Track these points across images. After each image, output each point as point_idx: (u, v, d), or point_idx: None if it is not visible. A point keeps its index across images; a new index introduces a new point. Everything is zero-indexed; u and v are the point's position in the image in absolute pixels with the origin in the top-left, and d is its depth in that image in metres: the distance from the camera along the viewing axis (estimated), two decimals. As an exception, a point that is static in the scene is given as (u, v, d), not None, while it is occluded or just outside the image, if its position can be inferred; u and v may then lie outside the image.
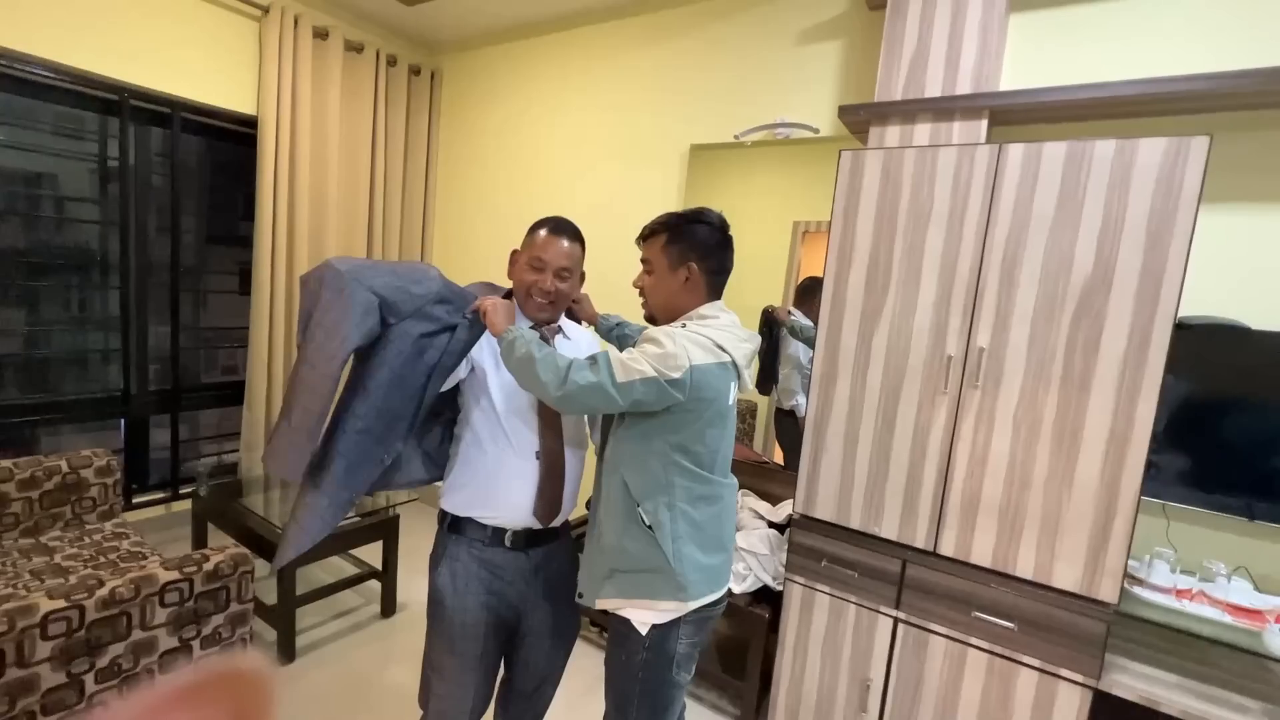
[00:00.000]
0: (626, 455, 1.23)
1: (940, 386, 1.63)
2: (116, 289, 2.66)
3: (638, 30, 2.76)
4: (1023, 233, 1.52)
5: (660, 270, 1.29)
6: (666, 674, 1.24)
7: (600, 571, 1.26)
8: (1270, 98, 1.52)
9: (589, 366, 1.15)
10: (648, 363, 1.12)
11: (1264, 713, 1.35)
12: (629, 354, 1.15)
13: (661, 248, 1.28)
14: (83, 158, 2.66)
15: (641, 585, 1.21)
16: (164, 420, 2.88)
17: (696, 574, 1.21)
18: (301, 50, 2.86)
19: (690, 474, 1.21)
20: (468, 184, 3.45)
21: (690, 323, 1.24)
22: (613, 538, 1.24)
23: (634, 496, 1.21)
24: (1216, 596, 1.50)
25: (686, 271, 1.26)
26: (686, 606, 1.21)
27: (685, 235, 1.26)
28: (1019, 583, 1.55)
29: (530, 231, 1.37)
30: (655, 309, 1.33)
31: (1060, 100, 1.66)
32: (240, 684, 0.29)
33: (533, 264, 1.32)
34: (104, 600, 1.43)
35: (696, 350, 1.15)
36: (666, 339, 1.15)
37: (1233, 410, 1.60)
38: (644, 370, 1.11)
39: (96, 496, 2.29)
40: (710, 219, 1.28)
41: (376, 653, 2.27)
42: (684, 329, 1.20)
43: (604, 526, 1.26)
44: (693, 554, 1.21)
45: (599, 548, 1.27)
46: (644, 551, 1.20)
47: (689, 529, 1.21)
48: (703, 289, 1.27)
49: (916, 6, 1.85)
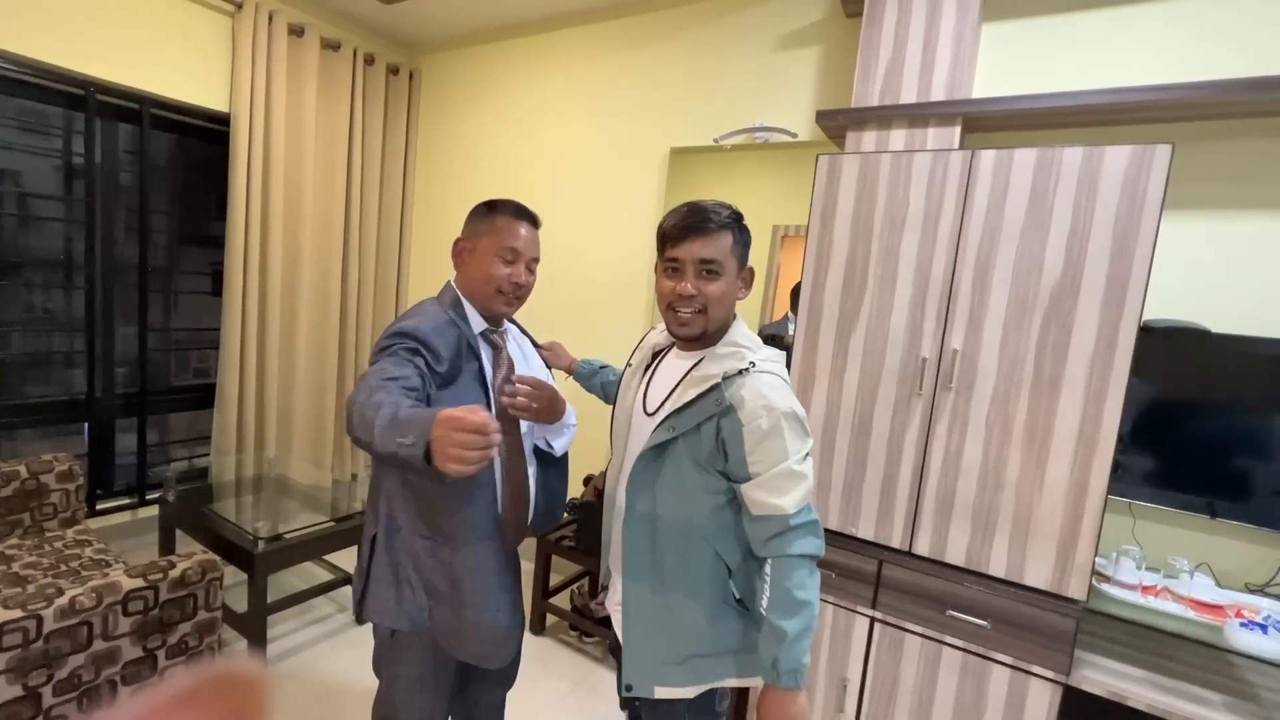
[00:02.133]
0: (718, 525, 1.05)
1: (915, 388, 1.65)
2: (82, 289, 2.59)
3: (618, 33, 2.77)
4: (995, 237, 1.55)
5: (729, 274, 1.06)
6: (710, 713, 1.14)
7: (669, 657, 1.07)
8: (1226, 108, 1.57)
9: (804, 532, 0.99)
10: (805, 462, 1.00)
11: (1225, 705, 1.38)
12: (781, 470, 0.98)
13: (730, 247, 1.06)
14: (47, 154, 2.58)
15: (731, 664, 1.08)
16: (131, 424, 2.81)
17: None
18: (276, 47, 2.81)
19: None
20: (446, 185, 3.42)
21: (756, 358, 1.05)
22: (697, 619, 1.06)
23: (729, 567, 1.06)
24: (1180, 592, 1.54)
25: (747, 276, 1.10)
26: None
27: (745, 234, 1.10)
28: (992, 581, 1.57)
29: (484, 217, 1.24)
30: (713, 321, 1.07)
31: (1030, 108, 1.69)
32: (236, 687, 0.29)
33: (503, 255, 1.21)
34: (63, 610, 1.39)
35: (795, 399, 1.04)
36: (790, 410, 1.00)
37: (1194, 411, 1.64)
38: (811, 472, 1.01)
39: (58, 503, 2.22)
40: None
41: (350, 661, 2.23)
42: (761, 375, 1.02)
43: (679, 605, 1.07)
44: None
45: (663, 634, 1.08)
46: (736, 631, 1.07)
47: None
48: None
49: (892, 15, 1.88)
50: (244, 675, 0.29)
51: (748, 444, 1.00)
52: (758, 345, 1.10)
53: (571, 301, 2.89)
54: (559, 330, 3.02)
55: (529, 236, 1.25)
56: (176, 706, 0.27)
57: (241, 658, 2.19)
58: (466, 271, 1.26)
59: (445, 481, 0.91)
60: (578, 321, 2.88)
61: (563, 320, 2.93)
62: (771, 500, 0.99)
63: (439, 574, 1.19)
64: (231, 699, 0.28)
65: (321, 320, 3.18)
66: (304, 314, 3.07)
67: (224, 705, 0.28)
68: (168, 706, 0.27)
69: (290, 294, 3.03)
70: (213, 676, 0.28)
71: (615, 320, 2.79)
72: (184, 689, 0.27)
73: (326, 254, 3.16)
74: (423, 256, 3.57)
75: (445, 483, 1.01)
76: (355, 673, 2.16)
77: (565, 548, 2.40)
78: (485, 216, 1.25)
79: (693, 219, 1.05)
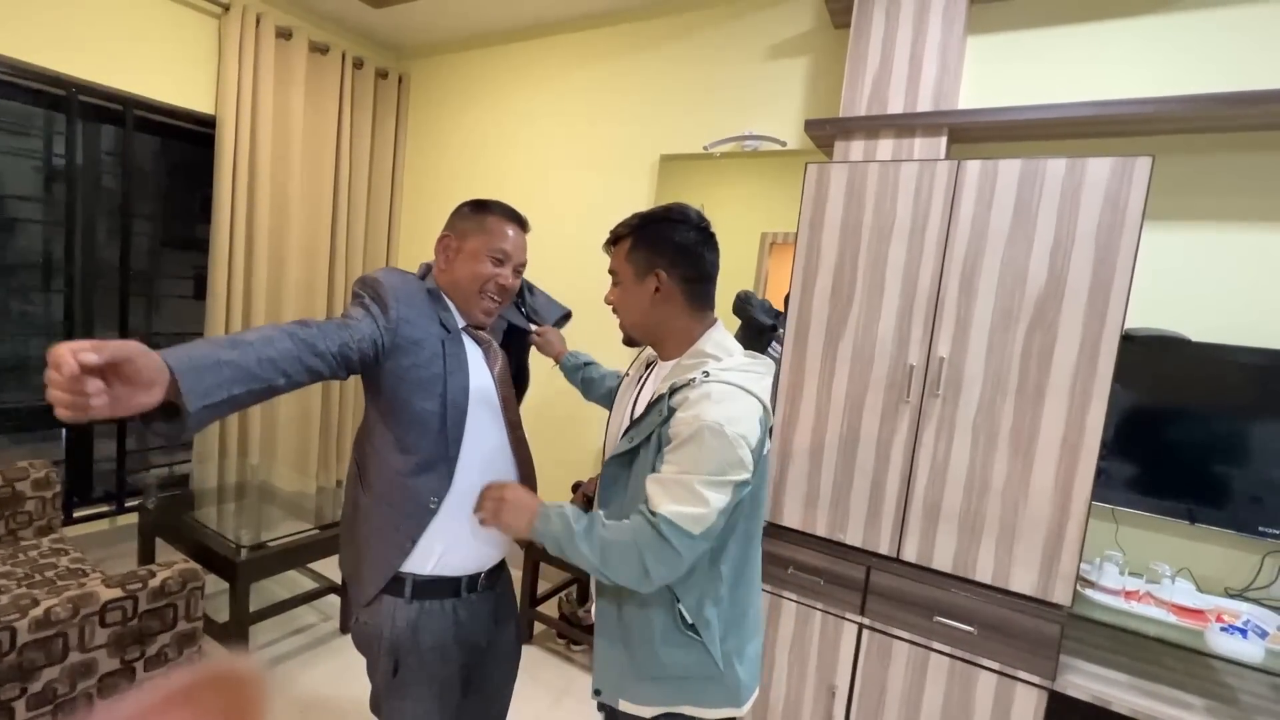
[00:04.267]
0: None
1: (903, 395, 1.66)
2: (61, 293, 2.54)
3: (608, 41, 2.78)
4: (980, 246, 1.57)
5: (627, 281, 1.09)
6: None
7: (630, 672, 1.06)
8: (1205, 122, 1.61)
9: (657, 543, 0.92)
10: (712, 486, 0.93)
11: (1206, 709, 1.40)
12: (683, 483, 0.93)
13: (626, 254, 1.09)
14: (26, 155, 2.53)
15: (688, 691, 1.04)
16: (110, 431, 2.75)
17: (746, 672, 1.06)
18: (264, 50, 2.79)
19: (741, 548, 1.05)
20: (435, 190, 3.41)
21: (714, 369, 1.00)
22: (644, 642, 1.03)
23: (674, 592, 1.01)
24: (1162, 597, 1.56)
25: (655, 280, 1.06)
26: (740, 711, 1.06)
27: (651, 238, 1.07)
28: (978, 587, 1.58)
29: (473, 215, 1.21)
30: (630, 327, 1.13)
31: (1015, 119, 1.72)
32: (232, 685, 0.29)
33: (494, 256, 1.18)
34: (38, 621, 1.35)
35: (745, 421, 0.96)
36: (718, 426, 0.93)
37: (1174, 418, 1.67)
38: (716, 503, 0.93)
39: (33, 511, 2.17)
40: (682, 214, 1.08)
41: (334, 670, 2.20)
42: (712, 386, 0.97)
43: (629, 622, 1.05)
44: (741, 650, 1.06)
45: (622, 646, 1.06)
46: (688, 660, 1.02)
47: (735, 620, 1.05)
48: (679, 299, 1.07)
49: (879, 26, 1.90)
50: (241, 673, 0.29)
51: (666, 449, 0.97)
52: (729, 353, 1.06)
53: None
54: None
55: (519, 240, 1.24)
56: (174, 703, 0.27)
57: (238, 656, 2.16)
58: (451, 269, 1.21)
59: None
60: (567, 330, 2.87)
61: (552, 326, 2.92)
62: (654, 496, 0.95)
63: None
64: (228, 696, 0.28)
65: (307, 325, 3.14)
66: (289, 319, 3.01)
67: (221, 702, 0.28)
68: (165, 703, 0.27)
69: (275, 298, 2.99)
70: (209, 674, 0.28)
71: (603, 327, 2.77)
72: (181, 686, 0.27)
73: (313, 258, 3.13)
74: (410, 262, 3.54)
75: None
76: (339, 683, 2.13)
77: (553, 555, 2.39)
78: (474, 215, 1.22)
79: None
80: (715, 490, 0.93)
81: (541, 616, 2.44)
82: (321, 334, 0.98)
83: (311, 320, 1.00)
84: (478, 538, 1.20)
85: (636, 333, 1.13)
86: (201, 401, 0.79)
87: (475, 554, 1.21)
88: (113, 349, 0.69)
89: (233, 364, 0.84)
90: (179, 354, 0.78)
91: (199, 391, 0.78)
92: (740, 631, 1.07)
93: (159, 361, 0.74)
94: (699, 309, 1.09)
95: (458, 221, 1.23)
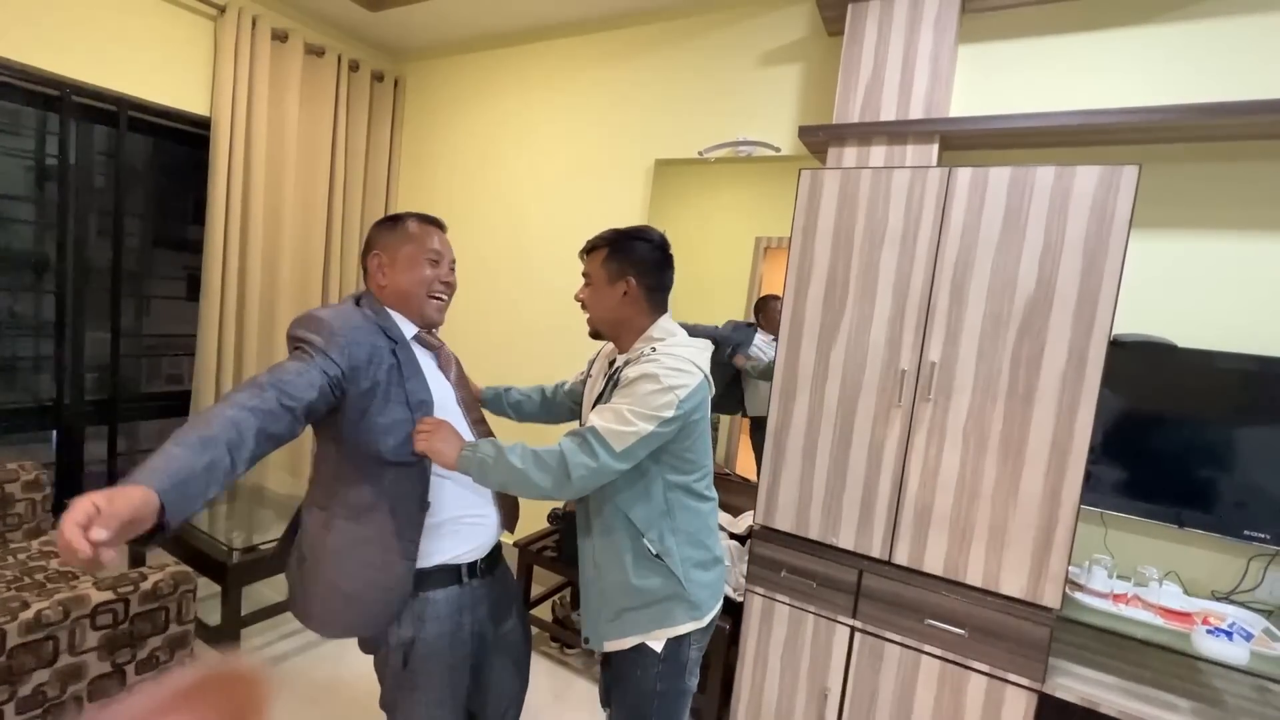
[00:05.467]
0: (623, 487, 1.23)
1: (894, 400, 1.68)
2: (52, 293, 2.53)
3: (603, 46, 2.79)
4: (971, 253, 1.58)
5: (599, 283, 1.32)
6: (680, 682, 1.27)
7: (607, 614, 1.27)
8: (1191, 131, 1.63)
9: (582, 449, 1.13)
10: (640, 416, 1.13)
11: (1193, 711, 1.42)
12: (615, 409, 1.14)
13: (601, 262, 1.31)
14: (19, 155, 2.52)
15: (656, 616, 1.24)
16: (101, 432, 2.73)
17: (704, 591, 1.27)
18: (259, 52, 2.79)
19: (688, 492, 1.26)
20: (431, 194, 3.41)
21: (659, 345, 1.24)
22: (619, 576, 1.24)
23: (638, 528, 1.22)
24: (1150, 600, 1.58)
25: (625, 285, 1.28)
26: (702, 624, 1.26)
27: (624, 250, 1.29)
28: (969, 590, 1.60)
29: (393, 228, 1.28)
30: (596, 321, 1.37)
31: (1005, 127, 1.74)
32: (237, 684, 0.30)
33: (430, 256, 1.27)
34: (28, 624, 1.35)
35: (682, 377, 1.17)
36: (655, 373, 1.15)
37: (1162, 423, 1.69)
38: (640, 429, 1.12)
39: (23, 513, 2.16)
40: (650, 236, 1.32)
41: (329, 675, 2.19)
42: (659, 354, 1.20)
43: (605, 567, 1.27)
44: (699, 574, 1.26)
45: (600, 590, 1.28)
46: (657, 584, 1.23)
47: (692, 549, 1.26)
48: (642, 303, 1.30)
49: (872, 34, 1.92)
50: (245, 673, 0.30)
51: (613, 393, 1.20)
52: (672, 335, 1.28)
53: (553, 310, 2.89)
54: (538, 339, 3.02)
55: (444, 238, 1.32)
56: (178, 703, 0.27)
57: (242, 656, 2.15)
58: (391, 282, 1.25)
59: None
60: (559, 330, 2.88)
61: (544, 329, 2.93)
62: (591, 419, 1.16)
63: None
64: (232, 696, 0.29)
65: (301, 327, 3.14)
66: (283, 321, 3.02)
67: (225, 702, 0.28)
68: (169, 703, 0.27)
69: (269, 300, 2.98)
70: (214, 674, 0.29)
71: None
72: (185, 685, 0.28)
73: (307, 260, 3.12)
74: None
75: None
76: (332, 687, 2.12)
77: (547, 558, 2.39)
78: (394, 227, 1.28)
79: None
80: (641, 420, 1.13)
81: (535, 620, 2.43)
82: (280, 397, 0.99)
83: (264, 382, 1.00)
84: (471, 524, 1.25)
85: (602, 327, 1.36)
86: (181, 516, 0.82)
87: (471, 540, 1.25)
88: (119, 520, 0.70)
89: (208, 468, 0.85)
90: (161, 475, 0.79)
91: (181, 509, 0.81)
92: (698, 559, 1.27)
93: (153, 501, 0.76)
94: (656, 311, 1.32)
95: (379, 237, 1.29)
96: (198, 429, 0.89)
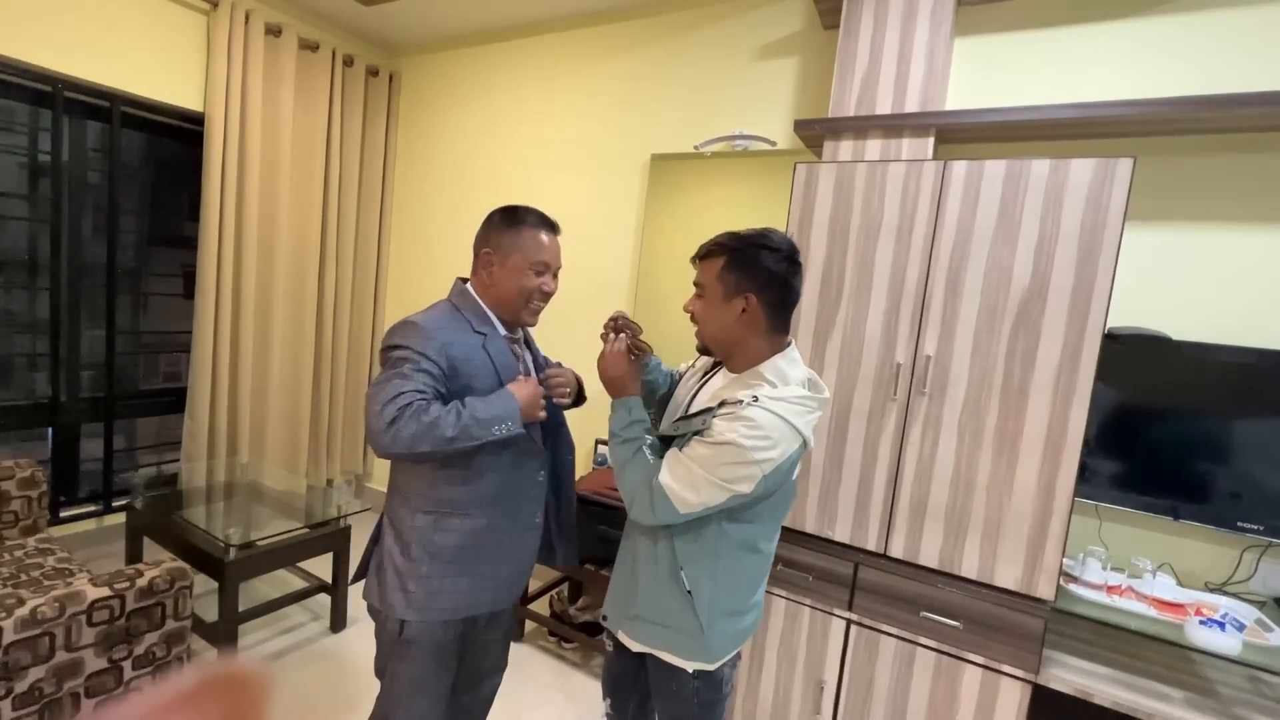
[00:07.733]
0: (685, 531, 1.15)
1: (890, 394, 1.68)
2: (47, 290, 2.52)
3: (599, 40, 2.78)
4: (966, 246, 1.58)
5: (713, 298, 1.14)
6: (717, 693, 1.22)
7: (630, 608, 1.22)
8: (1185, 124, 1.63)
9: (647, 496, 1.09)
10: (713, 485, 1.04)
11: (1185, 701, 1.43)
12: (688, 469, 1.05)
13: (718, 273, 1.13)
14: (11, 151, 2.51)
15: (670, 640, 1.18)
16: (97, 429, 2.73)
17: (724, 640, 1.17)
18: (253, 47, 2.78)
19: (743, 545, 1.15)
20: (426, 189, 3.40)
21: (763, 395, 1.07)
22: (648, 587, 1.19)
23: (679, 560, 1.14)
24: (1143, 592, 1.59)
25: (744, 303, 1.11)
26: (708, 668, 1.18)
27: (745, 262, 1.11)
28: (964, 583, 1.60)
29: (509, 228, 1.28)
30: (708, 340, 1.19)
31: (1000, 120, 1.74)
32: (238, 686, 0.30)
33: (537, 268, 1.28)
34: (24, 620, 1.35)
35: (773, 450, 1.04)
36: (743, 445, 1.01)
37: (1157, 415, 1.70)
38: (708, 500, 1.05)
39: (19, 510, 2.15)
40: (776, 243, 1.12)
41: (325, 670, 2.19)
42: (758, 412, 1.04)
43: (641, 569, 1.21)
44: (725, 623, 1.16)
45: (632, 584, 1.22)
46: (677, 614, 1.15)
47: (728, 598, 1.16)
48: (762, 323, 1.12)
49: (868, 28, 1.92)
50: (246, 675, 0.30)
51: (698, 437, 1.09)
52: (785, 382, 1.11)
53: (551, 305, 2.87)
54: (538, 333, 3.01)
55: (554, 246, 1.32)
56: (179, 704, 0.27)
57: (243, 657, 2.15)
58: (495, 282, 1.30)
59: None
60: (558, 324, 2.86)
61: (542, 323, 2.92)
62: (668, 464, 1.09)
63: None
64: (233, 698, 0.29)
65: (297, 324, 3.13)
66: (279, 317, 3.02)
67: (226, 704, 0.29)
68: (171, 704, 0.27)
69: (265, 297, 2.98)
70: (215, 675, 0.29)
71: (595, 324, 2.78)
72: (187, 687, 0.28)
73: (303, 256, 3.11)
74: (401, 260, 3.53)
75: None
76: (329, 683, 2.13)
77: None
78: (511, 228, 1.28)
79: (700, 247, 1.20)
80: (712, 489, 1.05)
81: (532, 615, 2.44)
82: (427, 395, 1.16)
83: (421, 404, 1.13)
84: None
85: (713, 345, 1.19)
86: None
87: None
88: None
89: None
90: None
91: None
92: (728, 611, 1.17)
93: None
94: (777, 333, 1.15)
95: (493, 234, 1.30)
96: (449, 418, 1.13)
